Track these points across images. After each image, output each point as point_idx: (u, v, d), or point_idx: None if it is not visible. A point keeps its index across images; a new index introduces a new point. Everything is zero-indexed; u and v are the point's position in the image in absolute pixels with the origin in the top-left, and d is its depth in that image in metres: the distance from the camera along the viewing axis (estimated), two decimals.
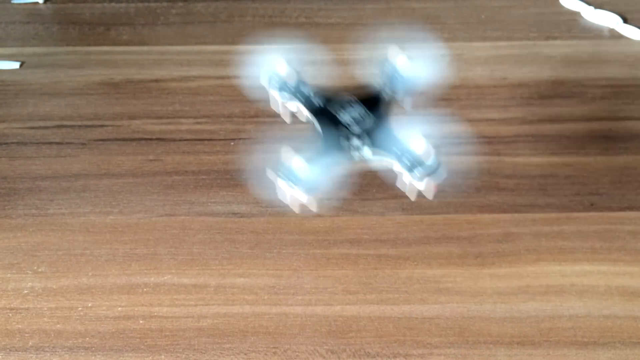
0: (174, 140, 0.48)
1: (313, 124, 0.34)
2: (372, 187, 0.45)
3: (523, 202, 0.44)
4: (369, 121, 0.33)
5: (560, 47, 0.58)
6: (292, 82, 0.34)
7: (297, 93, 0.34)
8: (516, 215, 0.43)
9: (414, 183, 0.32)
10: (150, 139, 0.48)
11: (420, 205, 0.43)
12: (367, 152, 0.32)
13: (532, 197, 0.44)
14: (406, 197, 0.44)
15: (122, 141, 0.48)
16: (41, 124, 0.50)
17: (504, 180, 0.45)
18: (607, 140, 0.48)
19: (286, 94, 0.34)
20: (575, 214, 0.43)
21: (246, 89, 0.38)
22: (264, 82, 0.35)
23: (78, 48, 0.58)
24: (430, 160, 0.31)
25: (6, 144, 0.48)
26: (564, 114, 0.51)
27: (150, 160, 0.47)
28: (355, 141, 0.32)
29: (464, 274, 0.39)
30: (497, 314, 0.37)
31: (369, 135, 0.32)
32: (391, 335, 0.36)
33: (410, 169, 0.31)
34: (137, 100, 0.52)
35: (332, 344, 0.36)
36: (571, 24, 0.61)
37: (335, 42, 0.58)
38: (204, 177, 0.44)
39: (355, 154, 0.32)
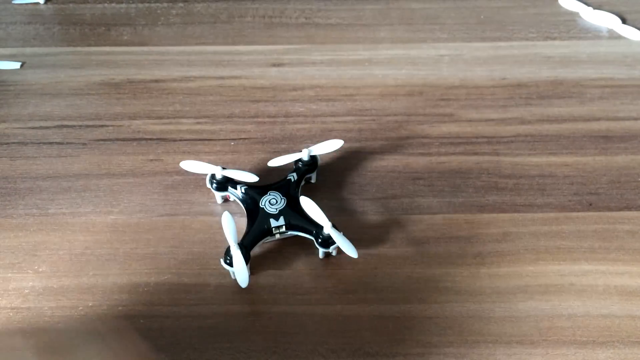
0: (174, 140, 0.48)
1: (244, 209, 0.42)
2: (371, 187, 0.45)
3: (522, 201, 0.44)
4: (283, 203, 0.41)
5: (559, 48, 0.58)
6: (224, 181, 0.42)
7: (229, 187, 0.43)
8: (515, 215, 0.43)
9: (322, 249, 0.40)
10: (151, 139, 0.49)
11: (419, 205, 0.44)
12: (283, 229, 0.40)
13: (531, 197, 0.44)
14: (406, 196, 0.44)
15: (123, 141, 0.48)
16: (42, 124, 0.50)
17: (503, 180, 0.45)
18: (605, 140, 0.48)
19: (221, 190, 0.43)
20: (574, 214, 0.43)
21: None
22: (207, 183, 0.43)
23: (79, 48, 0.58)
24: (328, 232, 0.38)
25: (7, 144, 0.48)
26: (562, 114, 0.51)
27: (151, 160, 0.47)
28: (274, 221, 0.40)
29: (463, 273, 0.40)
30: (496, 314, 0.37)
31: (284, 215, 0.40)
32: (390, 334, 0.37)
33: (317, 240, 0.39)
34: (138, 100, 0.52)
35: (332, 343, 0.36)
36: (570, 25, 0.61)
37: (334, 43, 0.59)
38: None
39: (275, 231, 0.40)
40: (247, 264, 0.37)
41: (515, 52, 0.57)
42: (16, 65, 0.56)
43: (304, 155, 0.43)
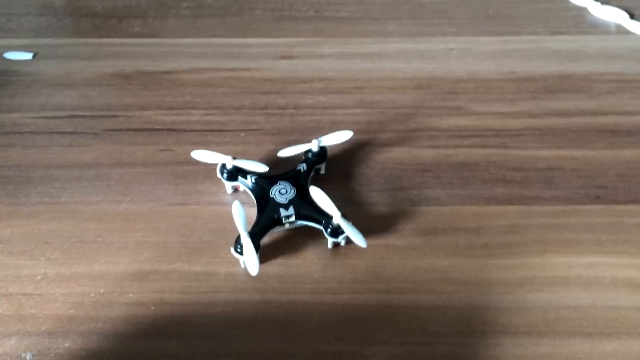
0: (184, 130, 0.49)
1: (253, 198, 0.42)
2: (380, 178, 0.45)
3: (529, 194, 0.44)
4: (292, 192, 0.41)
5: (567, 42, 0.58)
6: (234, 171, 0.43)
7: (240, 177, 0.43)
8: (523, 207, 0.43)
9: (331, 239, 0.40)
10: (162, 130, 0.49)
11: (427, 196, 0.44)
12: (292, 218, 0.40)
13: (539, 190, 0.44)
14: (414, 188, 0.44)
15: (134, 131, 0.49)
16: (54, 113, 0.50)
17: (511, 173, 0.46)
18: (613, 135, 0.49)
19: (231, 179, 0.43)
20: (581, 207, 0.43)
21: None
22: (217, 172, 0.44)
23: (90, 40, 0.58)
24: (337, 221, 0.39)
25: (20, 133, 0.49)
26: (570, 108, 0.51)
27: (162, 150, 0.47)
28: (284, 211, 0.40)
29: (470, 264, 0.40)
30: (503, 304, 0.38)
31: (294, 205, 0.40)
32: (398, 323, 0.37)
33: (326, 230, 0.40)
34: (149, 91, 0.53)
35: (340, 332, 0.36)
36: (578, 19, 0.61)
37: (343, 36, 0.59)
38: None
39: (285, 220, 0.40)
40: (257, 252, 0.38)
41: (523, 47, 0.57)
42: (28, 55, 0.56)
43: (313, 146, 0.44)
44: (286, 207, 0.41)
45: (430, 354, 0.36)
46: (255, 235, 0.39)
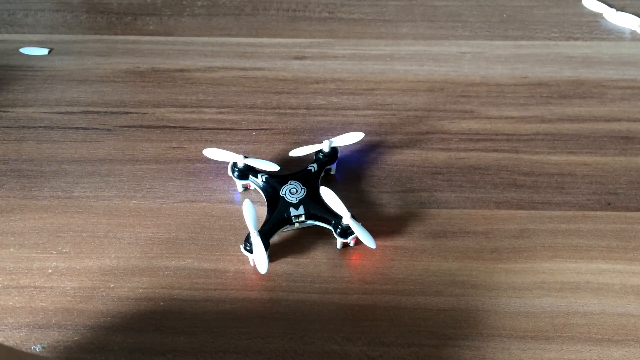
0: (197, 128, 0.49)
1: (264, 197, 0.43)
2: (390, 180, 0.45)
3: (540, 199, 0.44)
4: (303, 192, 0.42)
5: (581, 48, 0.58)
6: (245, 169, 0.43)
7: (250, 176, 0.43)
8: (533, 212, 0.43)
9: (340, 239, 0.40)
10: (174, 127, 0.49)
11: (437, 199, 0.44)
12: (302, 218, 0.41)
13: (549, 195, 0.44)
14: (425, 190, 0.44)
15: (147, 128, 0.49)
16: (68, 109, 0.51)
17: (522, 178, 0.45)
18: (625, 141, 0.48)
19: (242, 178, 0.43)
20: (592, 213, 0.43)
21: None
22: (229, 171, 0.44)
23: (105, 37, 0.59)
24: (347, 222, 0.39)
25: (34, 127, 0.49)
26: (583, 113, 0.51)
27: (174, 147, 0.48)
28: (294, 210, 0.40)
29: (479, 268, 0.40)
30: (511, 308, 0.38)
31: (304, 204, 0.41)
32: (406, 325, 0.37)
33: (336, 230, 0.40)
34: (162, 89, 0.53)
35: (348, 332, 0.37)
36: (593, 25, 0.61)
37: (356, 37, 0.59)
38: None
39: (295, 220, 0.41)
40: (266, 251, 0.38)
41: (537, 51, 0.57)
42: (44, 51, 0.57)
43: (324, 146, 0.44)
44: (296, 206, 0.41)
45: (437, 356, 0.36)
46: (265, 233, 0.39)
